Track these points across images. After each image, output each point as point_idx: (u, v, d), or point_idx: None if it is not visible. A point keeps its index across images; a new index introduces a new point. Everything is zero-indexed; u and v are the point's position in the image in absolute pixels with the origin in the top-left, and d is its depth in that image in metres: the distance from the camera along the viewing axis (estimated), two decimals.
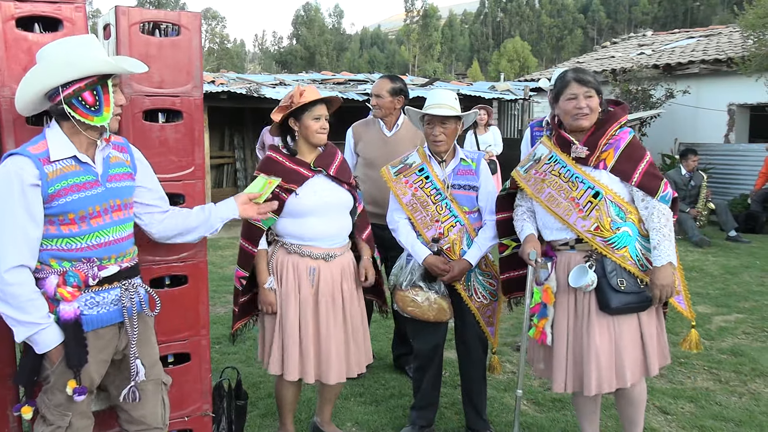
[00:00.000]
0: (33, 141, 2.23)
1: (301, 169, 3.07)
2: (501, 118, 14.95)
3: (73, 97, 2.16)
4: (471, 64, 62.78)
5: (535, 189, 2.96)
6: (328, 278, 3.09)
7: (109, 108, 2.24)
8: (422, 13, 69.59)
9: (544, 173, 2.95)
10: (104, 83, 2.22)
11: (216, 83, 11.37)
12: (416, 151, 3.40)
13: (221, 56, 62.57)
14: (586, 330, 2.82)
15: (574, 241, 2.87)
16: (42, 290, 2.19)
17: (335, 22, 76.62)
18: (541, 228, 3.02)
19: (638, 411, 3.03)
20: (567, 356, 2.90)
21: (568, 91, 2.85)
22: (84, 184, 2.24)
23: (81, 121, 2.19)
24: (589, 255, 2.83)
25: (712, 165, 11.42)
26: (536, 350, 3.09)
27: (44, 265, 2.22)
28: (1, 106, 2.44)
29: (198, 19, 2.81)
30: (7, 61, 2.43)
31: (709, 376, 4.32)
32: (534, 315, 2.97)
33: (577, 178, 2.85)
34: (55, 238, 2.22)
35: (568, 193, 2.86)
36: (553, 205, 2.88)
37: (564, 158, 2.90)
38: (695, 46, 14.86)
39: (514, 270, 3.24)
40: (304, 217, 3.06)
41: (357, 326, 3.20)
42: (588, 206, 2.81)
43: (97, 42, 2.27)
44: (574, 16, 69.04)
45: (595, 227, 2.79)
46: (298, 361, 3.05)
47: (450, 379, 4.21)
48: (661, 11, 63.28)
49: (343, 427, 3.60)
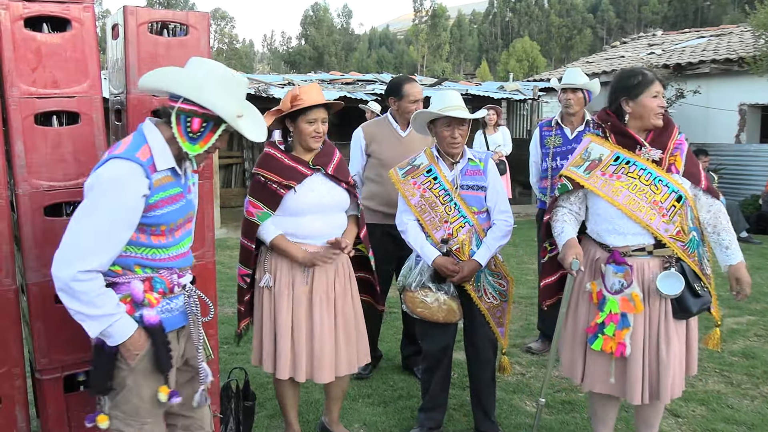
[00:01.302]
0: (135, 145, 2.13)
1: (299, 167, 3.06)
2: (510, 118, 14.91)
3: (185, 113, 2.12)
4: (480, 64, 62.66)
5: (608, 191, 2.80)
6: (323, 276, 3.07)
7: (205, 145, 2.18)
8: (431, 13, 69.55)
9: (617, 174, 2.80)
10: (219, 123, 2.16)
11: None
12: (423, 152, 3.38)
13: (230, 56, 62.77)
14: (664, 337, 2.76)
15: (652, 246, 2.78)
16: (123, 294, 2.15)
17: (344, 22, 76.69)
18: (606, 233, 2.85)
19: (659, 416, 3.01)
20: (645, 366, 2.79)
21: (653, 88, 2.76)
22: (176, 196, 2.21)
23: (175, 137, 2.15)
24: (669, 261, 2.76)
25: (723, 165, 11.35)
26: (599, 365, 2.87)
27: (126, 270, 2.16)
28: (10, 106, 2.44)
29: (206, 18, 2.81)
30: (16, 61, 2.43)
31: (720, 379, 4.27)
32: (606, 326, 2.77)
33: (660, 181, 2.75)
34: (144, 247, 2.17)
35: (651, 196, 2.74)
36: (634, 208, 2.74)
37: (640, 160, 2.79)
38: (706, 45, 14.77)
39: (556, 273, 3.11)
40: (301, 215, 3.05)
41: (350, 324, 3.17)
42: (672, 210, 2.73)
43: (244, 87, 2.25)
44: (583, 16, 68.76)
45: (677, 232, 2.73)
46: (290, 359, 3.04)
47: (459, 380, 4.18)
48: (671, 11, 62.96)
49: (351, 428, 3.59)
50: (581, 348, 2.93)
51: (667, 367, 2.75)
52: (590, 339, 2.85)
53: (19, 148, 2.47)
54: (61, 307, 2.60)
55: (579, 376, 2.96)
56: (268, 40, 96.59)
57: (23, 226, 2.52)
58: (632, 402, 2.83)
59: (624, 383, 2.83)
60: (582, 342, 2.92)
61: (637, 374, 2.78)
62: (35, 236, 2.54)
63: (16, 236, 2.58)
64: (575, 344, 2.96)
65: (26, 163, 2.49)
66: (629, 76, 2.86)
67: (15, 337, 2.55)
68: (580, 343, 2.94)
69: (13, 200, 2.55)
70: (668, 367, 2.74)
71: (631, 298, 2.75)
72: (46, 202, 2.55)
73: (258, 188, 3.10)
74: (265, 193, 3.06)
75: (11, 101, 2.44)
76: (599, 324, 2.80)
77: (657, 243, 2.77)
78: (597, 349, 2.81)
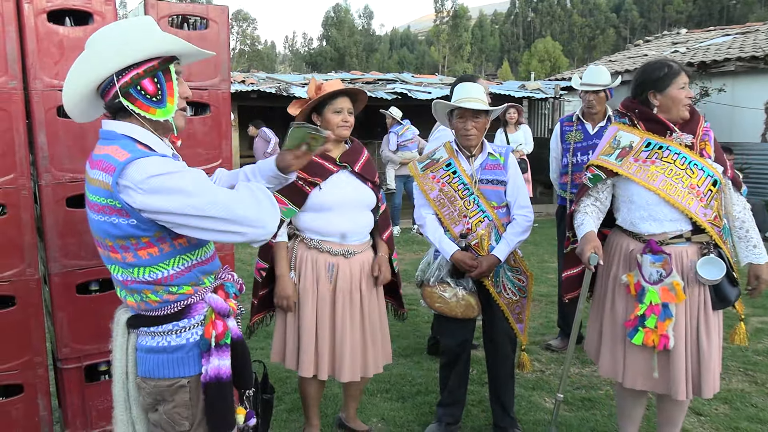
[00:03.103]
0: (127, 146, 1.77)
1: (326, 163, 3.04)
2: (531, 117, 14.83)
3: (131, 86, 1.78)
4: (501, 64, 62.44)
5: (644, 176, 2.71)
6: (347, 275, 3.05)
7: (173, 98, 1.85)
8: (452, 14, 69.52)
9: (651, 160, 2.73)
10: (166, 69, 1.83)
11: (246, 83, 11.48)
12: (443, 146, 3.37)
13: (252, 58, 63.18)
14: (704, 328, 2.69)
15: (690, 232, 2.71)
16: (204, 314, 1.89)
17: (365, 23, 76.90)
18: (641, 221, 2.78)
19: (683, 413, 2.95)
20: (687, 359, 2.70)
21: (680, 80, 2.73)
22: None
23: (143, 115, 1.80)
24: (707, 247, 2.70)
25: (748, 165, 11.17)
26: (639, 360, 2.77)
27: (196, 286, 1.89)
28: (33, 99, 2.48)
29: (225, 12, 2.83)
30: (39, 54, 2.47)
31: (744, 378, 4.21)
32: (647, 318, 2.67)
33: (696, 165, 2.69)
34: (195, 248, 1.89)
35: (687, 180, 2.68)
36: (672, 192, 2.66)
37: (674, 145, 2.73)
38: (731, 43, 14.54)
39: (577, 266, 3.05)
40: (326, 211, 3.03)
41: (375, 325, 3.15)
42: (709, 194, 2.68)
43: (154, 23, 1.87)
44: (607, 16, 68.26)
45: (715, 217, 2.69)
46: (314, 358, 3.03)
47: (478, 376, 4.16)
48: (696, 9, 62.27)
49: (369, 423, 3.59)
50: (623, 344, 2.83)
51: (709, 360, 2.68)
52: (630, 333, 2.74)
53: (42, 140, 2.51)
54: (83, 297, 2.66)
55: (621, 374, 2.84)
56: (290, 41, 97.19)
57: (46, 217, 2.56)
58: (677, 397, 2.72)
59: (668, 378, 2.73)
60: (623, 338, 2.81)
61: (682, 367, 2.69)
62: (58, 227, 2.57)
63: (38, 227, 2.62)
64: (616, 342, 2.86)
65: (49, 154, 2.53)
66: (655, 68, 2.81)
67: (37, 326, 2.59)
68: (621, 340, 2.84)
69: (36, 191, 2.59)
70: (710, 360, 2.68)
71: (672, 287, 2.66)
72: (69, 193, 2.58)
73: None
74: (290, 188, 3.05)
75: (34, 94, 2.48)
76: (639, 317, 2.71)
77: (694, 229, 2.71)
78: (638, 343, 2.71)
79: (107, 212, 1.75)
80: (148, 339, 1.88)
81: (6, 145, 2.45)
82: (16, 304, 2.53)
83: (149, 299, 1.84)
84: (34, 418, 2.63)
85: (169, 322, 1.86)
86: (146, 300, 1.84)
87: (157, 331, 1.86)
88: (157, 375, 1.87)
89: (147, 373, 1.89)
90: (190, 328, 1.88)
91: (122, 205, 1.72)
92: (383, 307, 3.26)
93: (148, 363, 1.88)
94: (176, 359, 1.87)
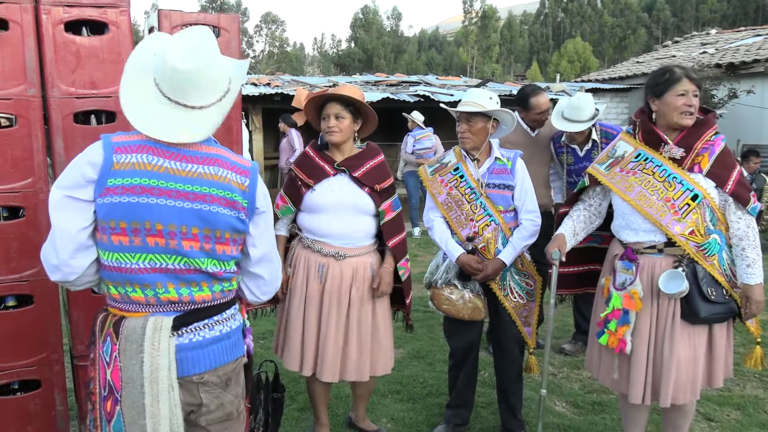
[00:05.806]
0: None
1: (325, 166, 3.12)
2: None
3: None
4: (530, 65, 62.03)
5: (622, 186, 2.80)
6: (337, 277, 3.09)
7: None
8: (481, 14, 69.25)
9: (633, 171, 2.80)
10: None
11: (271, 86, 11.61)
12: (452, 151, 3.42)
13: (281, 59, 63.63)
14: (669, 339, 2.73)
15: (663, 244, 2.75)
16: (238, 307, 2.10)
17: (393, 24, 76.86)
18: (621, 229, 2.87)
19: (687, 420, 2.97)
20: (647, 366, 2.78)
21: (679, 87, 2.71)
22: None
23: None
24: (679, 260, 2.72)
25: None
26: (606, 360, 2.92)
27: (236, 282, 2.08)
28: (51, 106, 2.58)
29: (236, 21, 2.91)
30: (56, 63, 2.57)
31: (759, 384, 4.17)
32: (610, 322, 2.81)
33: (674, 178, 2.72)
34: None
35: (663, 193, 2.72)
36: (644, 204, 2.73)
37: (658, 157, 2.77)
38: (761, 44, 14.29)
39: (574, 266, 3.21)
40: (318, 213, 3.11)
41: (364, 333, 3.14)
42: (685, 209, 2.69)
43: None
44: (638, 15, 67.31)
45: (690, 231, 2.68)
46: (299, 353, 3.12)
47: (489, 379, 4.19)
48: (730, 9, 61.14)
49: (379, 423, 3.64)
50: (598, 344, 2.96)
51: (668, 369, 2.71)
52: (598, 333, 2.89)
53: (59, 146, 2.61)
54: (98, 296, 2.75)
55: (597, 371, 3.02)
56: (319, 43, 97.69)
57: None
58: (631, 401, 2.83)
59: (627, 381, 2.83)
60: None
61: (639, 373, 2.78)
62: None
63: None
64: (593, 339, 3.01)
65: (65, 160, 2.62)
66: (658, 73, 2.83)
67: (54, 324, 2.69)
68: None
69: None
70: (669, 370, 2.70)
71: (632, 295, 2.75)
72: None
73: (289, 184, 3.22)
74: (292, 188, 3.17)
75: (52, 101, 2.58)
76: (604, 319, 2.85)
77: (669, 242, 2.73)
78: (603, 343, 2.85)
79: (237, 208, 1.93)
80: (206, 332, 1.95)
81: (25, 150, 2.56)
82: (34, 303, 2.63)
83: (228, 288, 2.01)
84: (51, 413, 2.73)
85: (230, 306, 2.03)
86: (227, 289, 2.00)
87: (219, 320, 1.99)
88: (225, 361, 1.99)
89: (215, 364, 1.96)
90: (236, 312, 2.07)
91: (249, 206, 1.95)
92: (386, 315, 3.25)
93: (214, 353, 1.96)
94: (235, 341, 2.04)
